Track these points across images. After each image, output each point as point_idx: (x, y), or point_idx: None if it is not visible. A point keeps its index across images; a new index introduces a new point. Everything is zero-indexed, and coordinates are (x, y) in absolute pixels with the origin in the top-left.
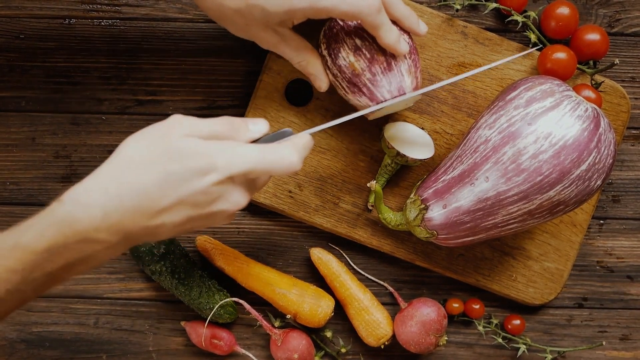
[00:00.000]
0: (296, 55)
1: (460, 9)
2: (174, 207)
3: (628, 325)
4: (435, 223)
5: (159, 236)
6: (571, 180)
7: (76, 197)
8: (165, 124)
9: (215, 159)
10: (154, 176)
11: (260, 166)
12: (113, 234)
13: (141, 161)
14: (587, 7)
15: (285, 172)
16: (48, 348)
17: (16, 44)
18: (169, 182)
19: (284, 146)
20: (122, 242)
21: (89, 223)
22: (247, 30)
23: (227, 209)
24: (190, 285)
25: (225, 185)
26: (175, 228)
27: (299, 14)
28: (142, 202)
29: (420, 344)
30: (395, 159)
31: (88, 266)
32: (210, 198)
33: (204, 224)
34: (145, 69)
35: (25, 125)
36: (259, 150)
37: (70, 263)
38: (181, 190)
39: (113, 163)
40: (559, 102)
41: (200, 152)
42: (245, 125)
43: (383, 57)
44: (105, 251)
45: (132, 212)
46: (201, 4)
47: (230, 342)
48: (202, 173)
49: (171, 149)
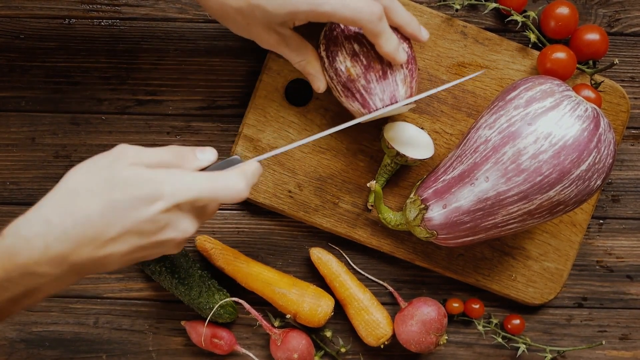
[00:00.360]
0: (296, 55)
1: (459, 9)
2: (121, 236)
3: (628, 325)
4: (435, 223)
5: (108, 266)
6: (571, 180)
7: (17, 231)
8: (110, 154)
9: (162, 187)
10: (98, 206)
11: (206, 194)
12: (56, 266)
13: (85, 191)
14: (586, 7)
15: (232, 199)
16: (48, 348)
17: (16, 44)
18: (114, 212)
19: (231, 173)
20: (68, 274)
21: (29, 256)
22: (248, 29)
23: (176, 237)
24: (190, 285)
25: (173, 213)
26: (123, 257)
27: (301, 16)
28: (87, 232)
29: (421, 343)
30: (395, 159)
31: (35, 299)
32: (157, 226)
33: (153, 253)
34: (145, 69)
35: (25, 125)
36: (205, 177)
37: (15, 297)
38: (127, 219)
39: (57, 194)
40: (558, 102)
41: (145, 180)
42: (193, 153)
43: (379, 65)
44: (50, 284)
45: (76, 243)
46: (203, 3)
47: (230, 341)
48: (148, 201)
49: (116, 178)
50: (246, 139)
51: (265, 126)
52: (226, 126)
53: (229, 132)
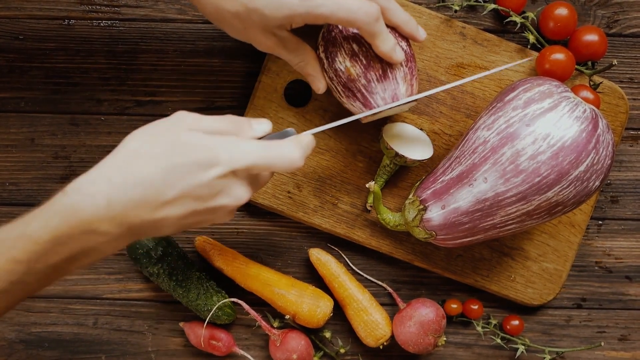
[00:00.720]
0: (294, 57)
1: (458, 10)
2: (178, 199)
3: (627, 326)
4: (434, 224)
5: (162, 230)
6: (569, 181)
7: (80, 187)
8: (170, 119)
9: (219, 153)
10: (158, 168)
11: (262, 161)
12: (117, 225)
13: (146, 153)
14: (585, 8)
15: (287, 168)
16: (47, 348)
17: (15, 44)
18: (173, 174)
19: (286, 143)
20: (126, 235)
21: (93, 213)
22: (245, 33)
23: (229, 204)
24: (188, 287)
25: (228, 179)
26: (177, 221)
27: (297, 19)
28: (147, 193)
29: (419, 345)
30: (394, 160)
31: (91, 259)
32: (213, 191)
33: (206, 219)
34: (145, 70)
35: (24, 126)
36: (262, 146)
37: (74, 254)
38: (185, 183)
39: (118, 155)
40: (557, 103)
41: (204, 146)
42: (248, 123)
43: (379, 64)
44: (108, 243)
45: (136, 203)
46: (200, 7)
47: (228, 342)
48: (206, 166)
49: (176, 142)
50: None
51: None
52: None
53: None
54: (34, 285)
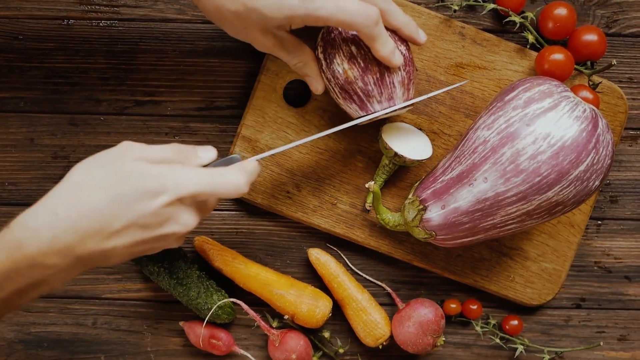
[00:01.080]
0: (293, 58)
1: (457, 10)
2: (125, 229)
3: (626, 326)
4: (434, 224)
5: (111, 259)
6: (569, 181)
7: (24, 222)
8: (115, 149)
9: (165, 181)
10: (104, 198)
11: (208, 188)
12: (63, 257)
13: (92, 184)
14: (584, 8)
15: (232, 194)
16: (46, 348)
17: (15, 44)
18: (119, 204)
19: (231, 169)
20: (73, 266)
21: (37, 247)
22: (244, 32)
23: (178, 231)
24: (189, 285)
25: (175, 206)
26: (126, 250)
27: (297, 20)
28: (93, 224)
29: (418, 345)
30: (393, 160)
31: (41, 291)
32: (160, 219)
33: (155, 247)
34: (144, 70)
35: (23, 126)
36: (207, 173)
37: (21, 288)
38: (132, 212)
39: (63, 187)
40: (557, 103)
41: (149, 175)
42: (194, 151)
43: (377, 68)
44: (56, 275)
45: (82, 235)
46: (200, 6)
47: (228, 342)
48: (152, 195)
49: (121, 172)
50: (244, 139)
51: (264, 127)
52: (224, 127)
53: (227, 132)
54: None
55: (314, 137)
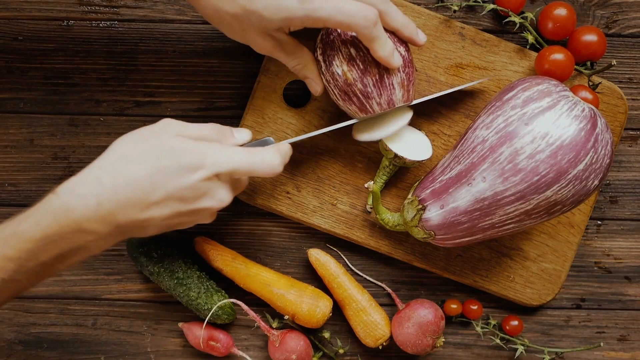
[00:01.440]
0: (292, 60)
1: (457, 10)
2: (164, 200)
3: (626, 326)
4: (433, 223)
5: (148, 229)
6: (568, 180)
7: (71, 188)
8: (157, 125)
9: (204, 157)
10: (146, 170)
11: (244, 166)
12: (106, 224)
13: (134, 157)
14: (584, 8)
15: (267, 173)
16: (46, 349)
17: (14, 45)
18: (160, 177)
19: (267, 150)
20: (114, 234)
21: (83, 212)
22: (243, 35)
23: (212, 206)
24: (189, 286)
25: (212, 182)
26: (163, 222)
27: (296, 22)
28: (135, 194)
29: (417, 346)
30: (393, 161)
31: (80, 257)
32: (197, 193)
33: (190, 220)
34: (144, 71)
35: (23, 127)
36: (244, 151)
37: (64, 253)
38: (171, 185)
39: (107, 157)
40: (556, 102)
41: (190, 150)
42: (230, 132)
43: (376, 69)
44: (97, 242)
45: (124, 204)
46: (198, 8)
47: (227, 344)
48: (191, 169)
49: (163, 146)
50: None
51: (264, 127)
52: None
53: None
54: (25, 282)
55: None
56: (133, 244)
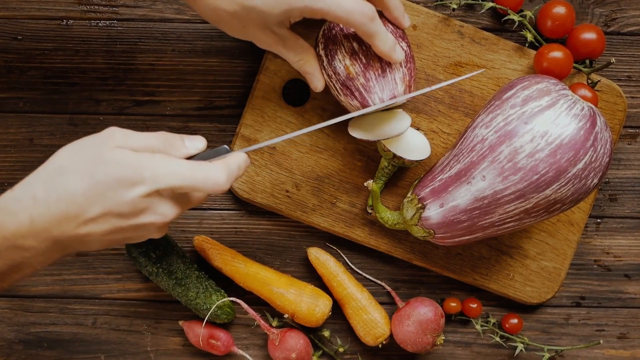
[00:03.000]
0: (294, 55)
1: (456, 9)
2: (101, 217)
3: (626, 324)
4: (433, 222)
5: (89, 245)
6: (568, 179)
7: (4, 205)
8: (99, 136)
9: (143, 172)
10: (81, 184)
11: (186, 182)
12: (41, 240)
13: (71, 169)
14: (583, 7)
15: (211, 191)
16: (46, 348)
17: (14, 45)
18: (96, 191)
19: (214, 166)
20: (52, 249)
21: (16, 229)
22: (244, 31)
23: (155, 221)
24: (188, 286)
25: (152, 198)
26: (103, 237)
27: (296, 13)
28: (69, 209)
29: (417, 344)
30: (392, 162)
31: (22, 274)
32: (136, 209)
33: (134, 235)
34: (143, 70)
35: (23, 126)
36: (188, 166)
37: (2, 271)
38: (107, 200)
39: (43, 171)
40: (555, 101)
41: (128, 164)
42: (181, 140)
43: (378, 64)
44: (35, 258)
45: (58, 219)
46: (197, 8)
47: (227, 342)
48: (128, 184)
49: (101, 158)
50: (244, 139)
51: (263, 126)
52: (224, 126)
53: (226, 132)
54: None
55: (309, 129)
56: (132, 244)
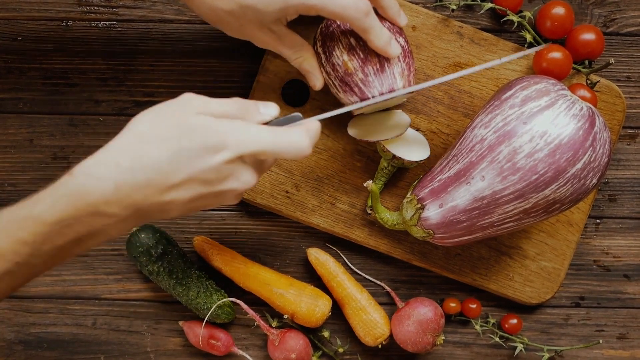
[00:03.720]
0: (292, 53)
1: (455, 10)
2: (185, 183)
3: (625, 324)
4: (432, 222)
5: (170, 212)
6: (567, 179)
7: (88, 170)
8: (177, 102)
9: (227, 138)
10: (165, 151)
11: (271, 148)
12: (124, 208)
13: (153, 136)
14: (582, 7)
15: (296, 156)
16: (46, 349)
17: (14, 45)
18: (181, 158)
19: (295, 131)
20: (133, 217)
21: (100, 195)
22: (242, 30)
23: (237, 188)
24: (188, 285)
25: (236, 164)
26: (185, 205)
27: (291, 10)
28: (154, 176)
29: (418, 344)
30: (391, 162)
31: (98, 241)
32: (220, 176)
33: (213, 202)
34: (143, 70)
35: (23, 127)
36: (270, 132)
37: (80, 236)
38: (192, 167)
39: (125, 137)
40: (554, 101)
41: (212, 130)
42: (256, 107)
43: (377, 59)
44: (115, 225)
45: (143, 187)
46: (194, 8)
47: (227, 342)
48: (213, 150)
49: (183, 125)
50: None
51: None
52: None
53: None
54: (40, 266)
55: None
56: (132, 244)
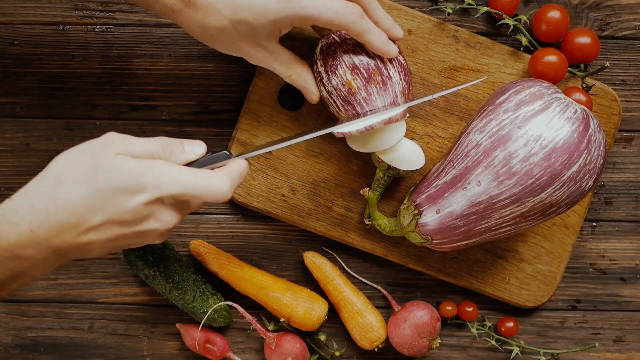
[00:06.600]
0: (286, 70)
1: (451, 13)
2: (102, 225)
3: (621, 327)
4: (429, 228)
5: (90, 252)
6: (562, 182)
7: (3, 215)
8: (97, 142)
9: (144, 179)
10: (80, 193)
11: (189, 191)
12: (41, 250)
13: (70, 177)
14: (577, 11)
15: (214, 200)
16: (43, 353)
17: (10, 50)
18: (96, 200)
19: (216, 174)
20: (52, 258)
21: (15, 240)
22: (234, 47)
23: (157, 228)
24: (184, 289)
25: (155, 205)
26: (104, 245)
27: (285, 22)
28: (69, 218)
29: (414, 347)
30: (387, 172)
31: (20, 283)
32: (138, 217)
33: (136, 242)
34: (139, 75)
35: (19, 131)
36: (190, 174)
37: (1, 281)
38: (108, 209)
39: (42, 179)
40: (548, 105)
41: (129, 171)
42: (181, 146)
43: (379, 77)
44: (35, 267)
45: (58, 229)
46: (185, 27)
47: (223, 347)
48: (129, 192)
49: (101, 166)
50: (240, 143)
51: (259, 130)
52: (220, 131)
53: (222, 136)
54: None
55: (308, 136)
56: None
